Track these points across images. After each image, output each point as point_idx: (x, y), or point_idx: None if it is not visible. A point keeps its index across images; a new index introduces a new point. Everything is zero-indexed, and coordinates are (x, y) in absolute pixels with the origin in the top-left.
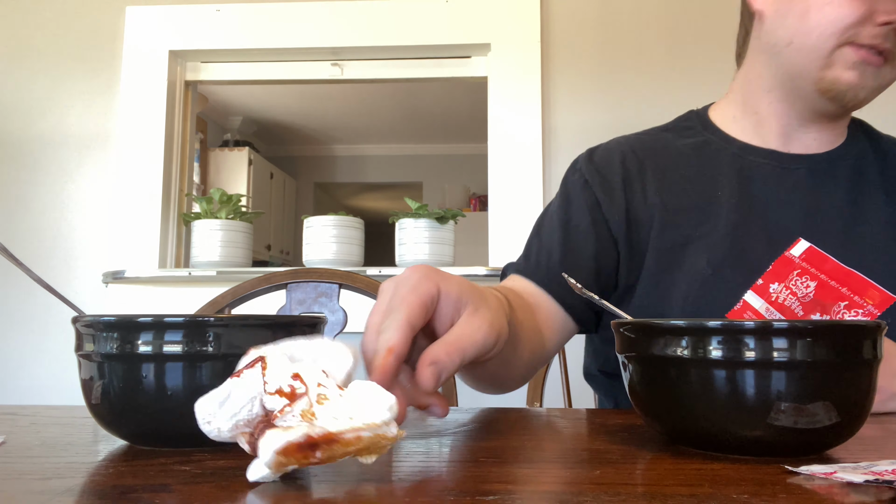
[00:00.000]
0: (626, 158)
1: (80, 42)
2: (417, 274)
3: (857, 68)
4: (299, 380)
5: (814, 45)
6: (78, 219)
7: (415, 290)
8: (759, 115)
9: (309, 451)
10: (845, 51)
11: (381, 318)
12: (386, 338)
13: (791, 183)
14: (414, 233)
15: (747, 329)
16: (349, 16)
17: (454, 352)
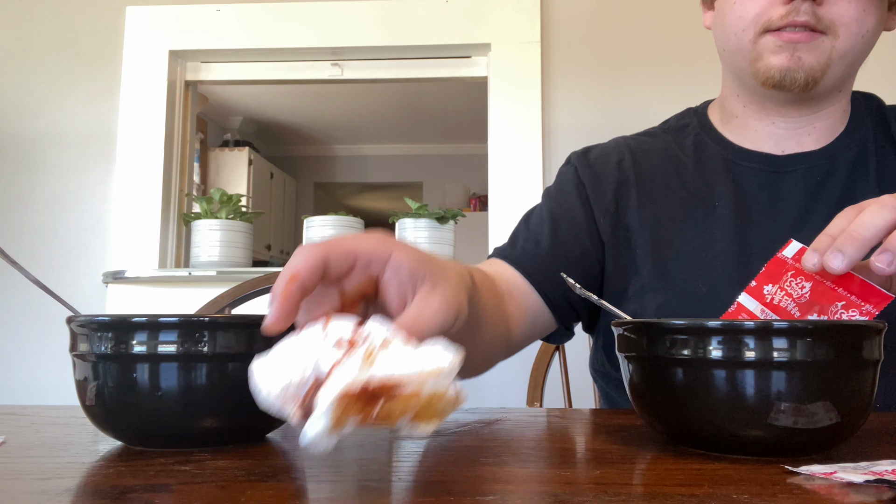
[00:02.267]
0: (622, 161)
1: (80, 42)
2: (372, 232)
3: (783, 51)
4: (360, 329)
5: (737, 45)
6: (78, 219)
7: (353, 237)
8: (739, 118)
9: (367, 404)
10: (765, 39)
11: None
12: (292, 264)
13: (787, 187)
14: (414, 233)
15: (747, 329)
16: (349, 16)
17: (411, 338)
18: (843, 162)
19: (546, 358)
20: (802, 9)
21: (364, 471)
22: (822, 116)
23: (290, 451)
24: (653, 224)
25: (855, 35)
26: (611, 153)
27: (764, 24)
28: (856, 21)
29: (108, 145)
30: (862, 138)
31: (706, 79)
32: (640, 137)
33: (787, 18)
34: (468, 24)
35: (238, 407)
